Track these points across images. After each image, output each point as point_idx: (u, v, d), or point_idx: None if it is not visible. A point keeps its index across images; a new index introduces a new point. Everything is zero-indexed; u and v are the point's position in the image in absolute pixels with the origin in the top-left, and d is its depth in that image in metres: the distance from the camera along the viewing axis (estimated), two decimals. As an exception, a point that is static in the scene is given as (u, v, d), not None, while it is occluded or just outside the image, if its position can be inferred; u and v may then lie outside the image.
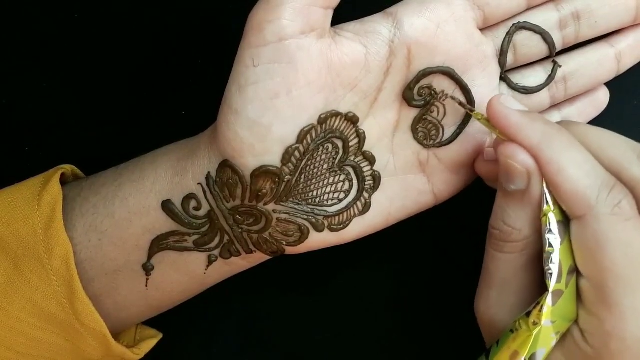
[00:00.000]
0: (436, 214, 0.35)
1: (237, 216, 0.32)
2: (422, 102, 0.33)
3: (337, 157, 0.33)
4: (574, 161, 0.29)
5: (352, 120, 0.32)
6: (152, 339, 0.37)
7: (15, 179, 0.35)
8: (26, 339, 0.33)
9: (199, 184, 0.32)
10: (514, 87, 0.34)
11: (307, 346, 0.39)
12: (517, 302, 0.31)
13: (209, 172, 0.32)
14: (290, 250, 0.33)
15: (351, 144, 0.33)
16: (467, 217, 0.36)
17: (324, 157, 0.32)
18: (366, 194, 0.33)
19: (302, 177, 0.32)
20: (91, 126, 0.39)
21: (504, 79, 0.34)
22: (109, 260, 0.33)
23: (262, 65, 0.30)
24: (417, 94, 0.33)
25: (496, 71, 0.34)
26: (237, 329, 0.39)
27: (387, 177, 0.34)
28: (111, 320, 0.34)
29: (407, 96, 0.33)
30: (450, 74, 0.33)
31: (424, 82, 0.33)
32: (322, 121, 0.31)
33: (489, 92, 0.34)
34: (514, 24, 0.33)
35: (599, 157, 0.30)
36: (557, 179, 0.29)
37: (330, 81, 0.31)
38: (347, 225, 0.33)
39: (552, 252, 0.29)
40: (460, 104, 0.33)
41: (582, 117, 0.36)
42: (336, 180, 0.33)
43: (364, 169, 0.33)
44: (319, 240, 0.33)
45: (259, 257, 0.34)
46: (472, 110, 0.33)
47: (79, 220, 0.33)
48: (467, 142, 0.34)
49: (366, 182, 0.33)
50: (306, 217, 0.33)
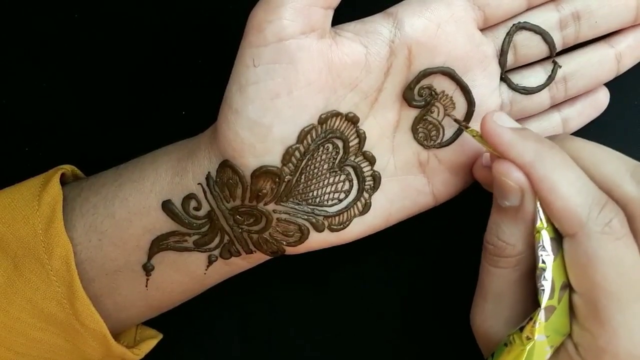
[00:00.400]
0: (436, 214, 0.35)
1: (237, 216, 0.32)
2: (423, 103, 0.33)
3: (337, 157, 0.33)
4: (566, 179, 0.29)
5: (353, 120, 0.32)
6: (152, 339, 0.37)
7: (15, 179, 0.35)
8: (26, 339, 0.33)
9: (199, 184, 0.32)
10: (514, 88, 0.34)
11: (307, 346, 0.39)
12: (512, 315, 0.32)
13: (209, 172, 0.32)
14: (290, 250, 0.33)
15: (351, 144, 0.33)
16: (467, 218, 0.36)
17: (324, 157, 0.32)
18: (366, 194, 0.33)
19: (303, 177, 0.32)
20: (91, 126, 0.39)
21: (504, 79, 0.34)
22: (109, 260, 0.33)
23: (262, 65, 0.30)
24: (417, 94, 0.33)
25: (496, 71, 0.34)
26: (237, 329, 0.39)
27: (387, 178, 0.34)
28: (111, 320, 0.34)
29: (407, 96, 0.33)
30: (450, 74, 0.33)
31: (425, 82, 0.33)
32: (322, 121, 0.31)
33: (489, 92, 0.34)
34: (514, 24, 0.33)
35: (592, 173, 0.30)
36: (549, 197, 0.29)
37: (330, 81, 0.31)
38: (347, 225, 0.33)
39: (544, 269, 0.29)
40: (455, 120, 0.33)
41: (582, 118, 0.36)
42: (336, 180, 0.33)
43: (364, 169, 0.33)
44: (319, 240, 0.33)
45: (259, 257, 0.34)
46: (467, 126, 0.33)
47: (79, 220, 0.33)
48: (467, 143, 0.34)
49: (366, 182, 0.33)
50: (306, 217, 0.33)
